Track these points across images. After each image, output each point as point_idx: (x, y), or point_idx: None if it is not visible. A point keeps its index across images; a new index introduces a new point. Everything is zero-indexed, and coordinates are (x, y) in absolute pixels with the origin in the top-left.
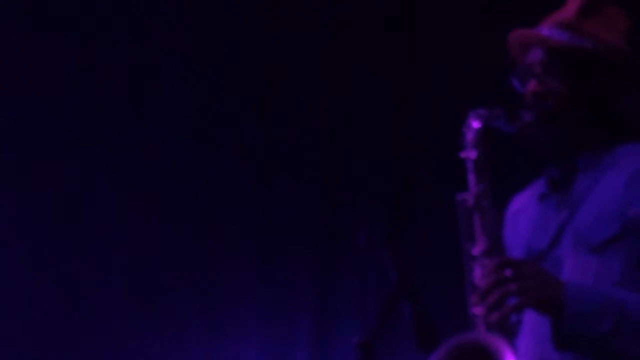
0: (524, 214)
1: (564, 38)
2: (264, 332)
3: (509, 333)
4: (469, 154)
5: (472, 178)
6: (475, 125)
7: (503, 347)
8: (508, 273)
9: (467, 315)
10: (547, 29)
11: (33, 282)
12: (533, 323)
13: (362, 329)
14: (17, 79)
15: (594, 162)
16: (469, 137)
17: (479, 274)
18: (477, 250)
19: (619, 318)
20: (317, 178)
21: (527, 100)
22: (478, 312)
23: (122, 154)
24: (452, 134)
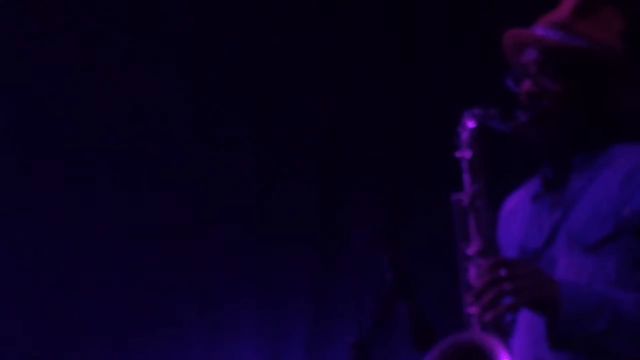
0: (518, 214)
1: (559, 38)
2: (261, 331)
3: (504, 332)
4: (464, 154)
5: (467, 178)
6: (470, 125)
7: (498, 346)
8: (503, 273)
9: (462, 315)
10: (541, 29)
11: (32, 282)
12: (527, 322)
13: (358, 329)
14: (16, 79)
15: (589, 162)
16: (464, 136)
17: (474, 274)
18: (471, 250)
19: (614, 318)
20: (314, 178)
21: (521, 100)
22: (473, 311)
23: (121, 154)
24: (448, 134)
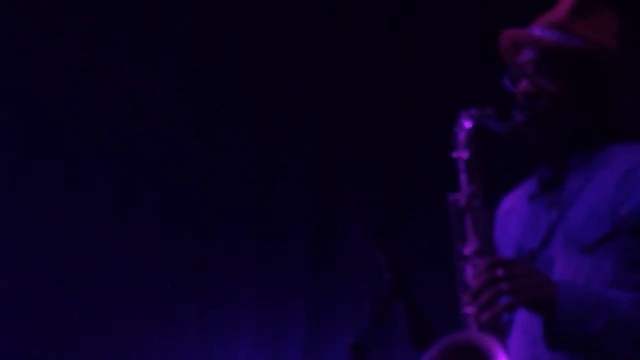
0: (515, 214)
1: (556, 38)
2: (260, 331)
3: (501, 333)
4: (461, 155)
5: (464, 178)
6: (467, 126)
7: (495, 346)
8: (500, 273)
9: (460, 315)
10: (538, 30)
11: (30, 282)
12: (525, 323)
13: (356, 329)
14: (15, 79)
15: (586, 162)
16: (461, 137)
17: (471, 274)
18: (469, 250)
19: (611, 318)
20: (313, 178)
21: (518, 100)
22: (470, 311)
23: (120, 154)
24: (446, 134)
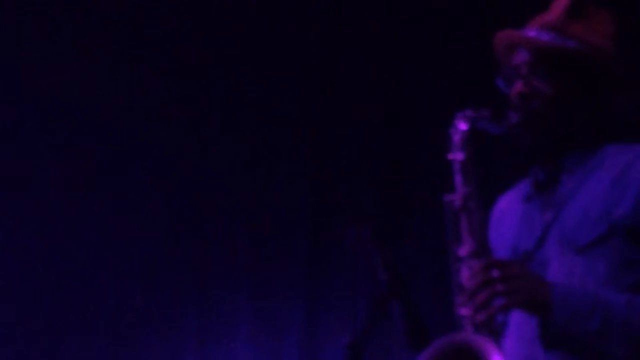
0: (509, 215)
1: (550, 39)
2: (254, 332)
3: (496, 333)
4: (456, 156)
5: (459, 179)
6: (462, 127)
7: (490, 347)
8: (495, 274)
9: (455, 316)
10: (533, 31)
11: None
12: (519, 323)
13: (352, 329)
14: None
15: (580, 162)
16: (456, 138)
17: (466, 275)
18: (464, 251)
19: (606, 318)
20: (308, 180)
21: (513, 101)
22: (465, 312)
23: (117, 154)
24: (442, 135)
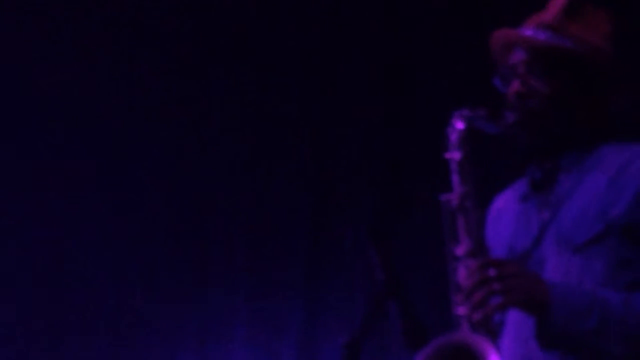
0: (506, 214)
1: (547, 38)
2: (252, 331)
3: (493, 333)
4: (453, 155)
5: (456, 179)
6: (459, 126)
7: (487, 347)
8: (492, 273)
9: (453, 315)
10: (529, 30)
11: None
12: (516, 323)
13: (349, 329)
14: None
15: (577, 162)
16: (453, 138)
17: (463, 274)
18: (461, 251)
19: (603, 317)
20: (306, 179)
21: (510, 101)
22: (462, 311)
23: (115, 154)
24: (439, 135)
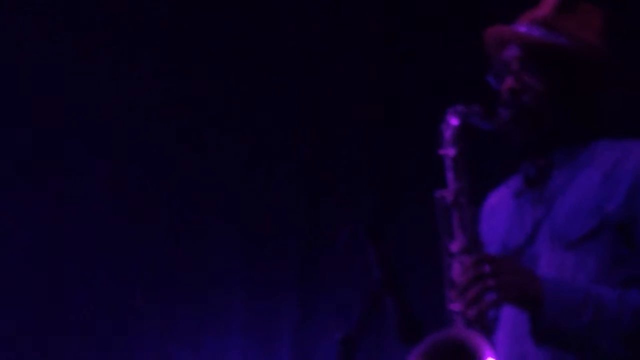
0: (500, 211)
1: (540, 35)
2: (248, 328)
3: (487, 329)
4: (448, 152)
5: (450, 175)
6: (454, 123)
7: (482, 343)
8: (486, 269)
9: (447, 311)
10: (523, 26)
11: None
12: (511, 319)
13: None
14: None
15: (571, 158)
16: (447, 134)
17: (458, 271)
18: (455, 247)
19: (597, 313)
20: (300, 176)
21: (504, 97)
22: (457, 308)
23: (110, 154)
24: (433, 131)
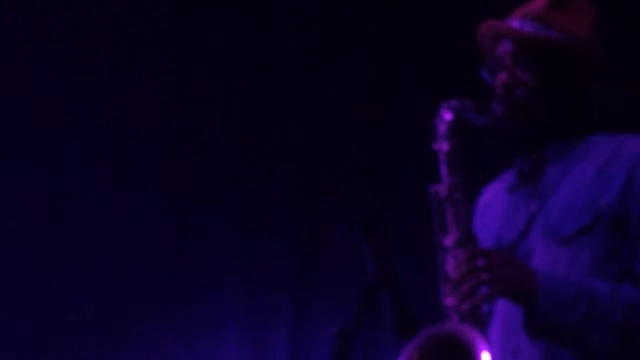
0: (494, 206)
1: (533, 30)
2: (244, 322)
3: (481, 323)
4: (442, 146)
5: (444, 170)
6: (447, 117)
7: (476, 337)
8: (480, 263)
9: (442, 306)
10: (516, 21)
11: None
12: (505, 313)
13: (341, 319)
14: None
15: (564, 153)
16: (441, 129)
17: (452, 265)
18: (449, 241)
19: (590, 307)
20: (295, 171)
21: (497, 92)
22: (451, 302)
23: (113, 153)
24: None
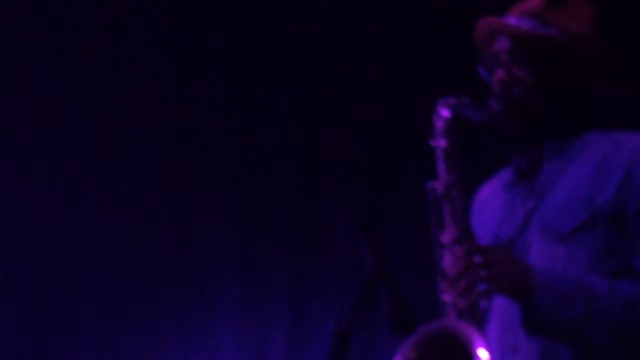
0: (491, 203)
1: (530, 27)
2: (241, 317)
3: (479, 320)
4: (439, 143)
5: (441, 166)
6: (445, 114)
7: (474, 334)
8: (477, 259)
9: (439, 302)
10: (513, 18)
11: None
12: (502, 310)
13: (338, 315)
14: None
15: (561, 150)
16: (439, 125)
17: (449, 261)
18: (446, 238)
19: (588, 304)
20: (295, 171)
21: (494, 89)
22: (448, 298)
23: (103, 152)
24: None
